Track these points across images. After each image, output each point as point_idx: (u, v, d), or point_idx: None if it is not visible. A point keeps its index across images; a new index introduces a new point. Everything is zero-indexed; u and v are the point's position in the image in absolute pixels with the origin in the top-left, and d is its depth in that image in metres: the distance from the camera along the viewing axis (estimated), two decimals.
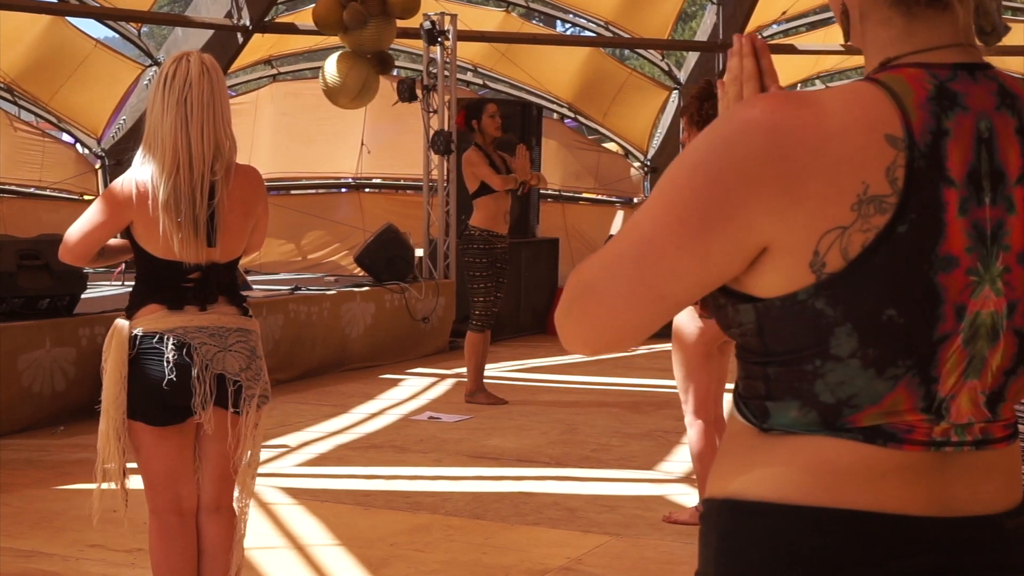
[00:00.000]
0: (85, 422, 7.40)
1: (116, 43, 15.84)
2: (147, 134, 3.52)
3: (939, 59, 1.41)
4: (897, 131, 1.35)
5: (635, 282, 1.40)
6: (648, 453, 6.89)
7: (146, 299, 3.57)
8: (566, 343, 1.50)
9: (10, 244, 7.49)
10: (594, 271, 1.44)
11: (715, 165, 1.36)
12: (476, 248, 8.17)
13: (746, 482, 1.44)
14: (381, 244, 10.77)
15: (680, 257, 1.38)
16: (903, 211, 1.33)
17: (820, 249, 1.34)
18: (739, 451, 1.46)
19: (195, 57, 3.53)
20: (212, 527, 3.67)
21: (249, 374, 3.58)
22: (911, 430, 1.39)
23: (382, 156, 15.07)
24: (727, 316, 1.44)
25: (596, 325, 1.45)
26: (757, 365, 1.43)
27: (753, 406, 1.45)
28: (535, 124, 12.75)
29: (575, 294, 1.46)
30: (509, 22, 16.39)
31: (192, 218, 3.48)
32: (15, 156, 14.12)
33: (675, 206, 1.38)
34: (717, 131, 1.38)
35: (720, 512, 1.47)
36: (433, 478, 6.27)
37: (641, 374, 9.64)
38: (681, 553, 5.03)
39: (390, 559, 4.90)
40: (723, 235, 1.36)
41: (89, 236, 3.58)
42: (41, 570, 4.72)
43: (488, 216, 8.17)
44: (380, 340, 10.10)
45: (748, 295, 1.40)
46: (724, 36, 15.68)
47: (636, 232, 1.41)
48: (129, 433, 3.55)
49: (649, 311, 1.42)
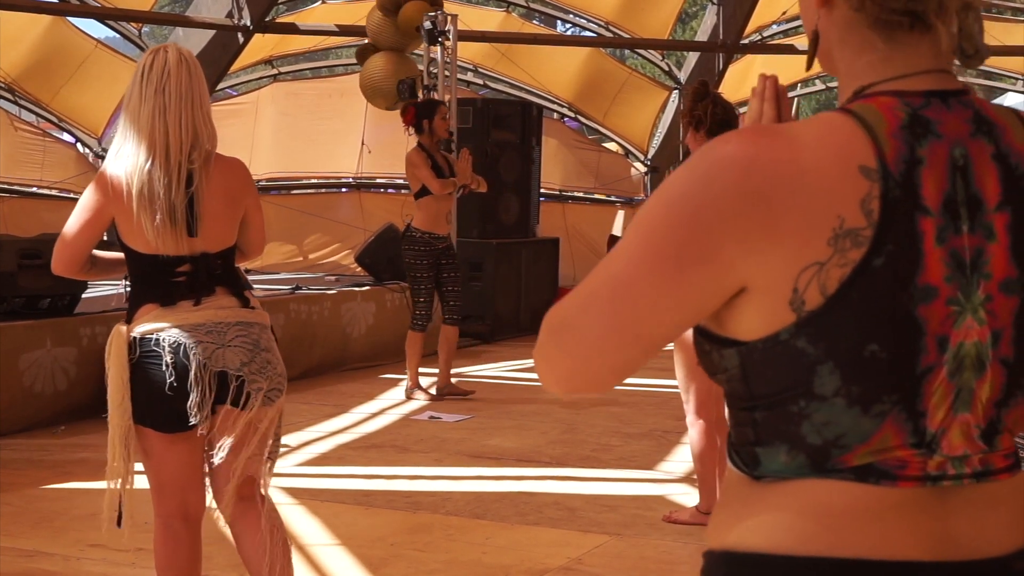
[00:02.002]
0: (86, 422, 7.41)
1: (117, 43, 15.84)
2: (123, 126, 3.48)
3: (912, 86, 1.38)
4: (871, 162, 1.32)
5: (610, 321, 1.36)
6: (648, 453, 6.90)
7: (141, 299, 3.52)
8: (542, 382, 1.46)
9: (11, 244, 7.49)
10: (569, 310, 1.40)
11: (691, 202, 1.33)
12: (416, 249, 8.25)
13: (741, 532, 1.40)
14: (382, 244, 10.77)
15: (656, 296, 1.35)
16: (879, 243, 1.31)
17: (799, 286, 1.31)
18: (734, 501, 1.43)
19: (172, 48, 3.51)
20: (237, 517, 3.62)
21: (252, 368, 3.50)
22: (904, 466, 1.35)
23: (383, 156, 15.06)
24: (712, 362, 1.41)
25: (571, 366, 1.41)
26: (745, 411, 1.40)
27: (744, 454, 1.41)
28: (535, 124, 12.76)
29: (550, 332, 1.42)
30: (509, 22, 16.40)
31: (168, 206, 3.42)
32: (16, 156, 14.13)
33: (651, 244, 1.35)
34: (693, 167, 1.36)
35: (718, 565, 1.43)
36: (433, 478, 6.27)
37: (641, 374, 9.62)
38: (681, 553, 5.04)
39: (390, 559, 4.91)
40: (700, 274, 1.33)
41: (73, 242, 3.51)
42: (42, 570, 4.72)
43: (429, 217, 8.22)
44: (381, 340, 10.10)
45: (731, 339, 1.37)
46: (724, 36, 15.69)
47: (611, 269, 1.38)
48: (138, 438, 3.50)
49: (625, 351, 1.39)
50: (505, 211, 12.21)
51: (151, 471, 3.56)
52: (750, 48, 16.33)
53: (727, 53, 15.82)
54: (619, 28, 16.00)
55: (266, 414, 3.55)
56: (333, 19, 15.28)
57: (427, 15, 11.21)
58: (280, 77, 16.29)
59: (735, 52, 16.02)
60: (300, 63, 18.75)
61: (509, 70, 16.14)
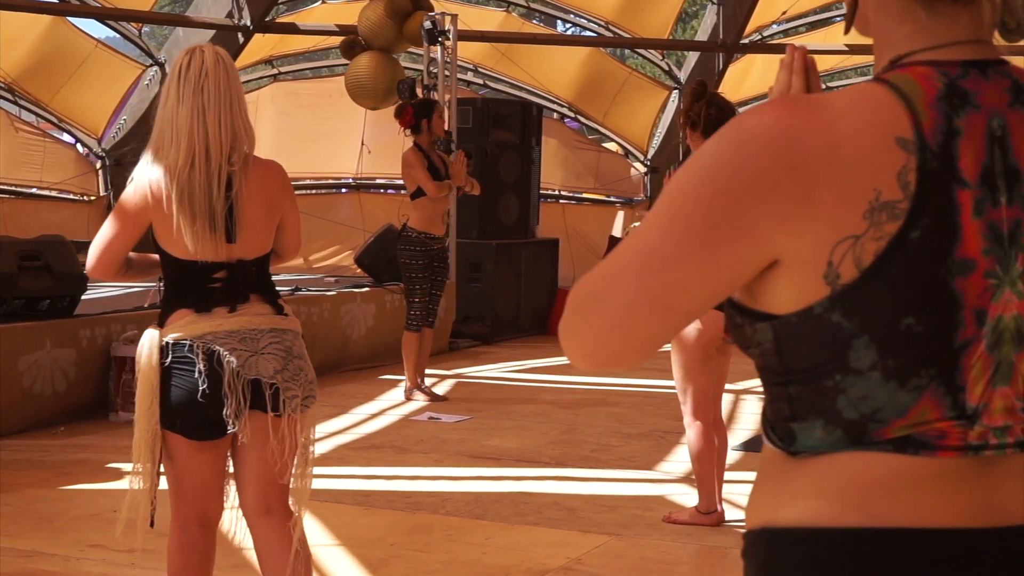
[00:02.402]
0: (86, 423, 7.42)
1: (117, 43, 15.84)
2: (159, 129, 3.41)
3: (949, 56, 1.35)
4: (907, 133, 1.31)
5: (639, 293, 1.35)
6: (648, 453, 6.89)
7: (175, 304, 3.46)
8: (569, 357, 1.45)
9: (11, 245, 7.49)
10: (597, 282, 1.38)
11: (723, 173, 1.31)
12: (412, 249, 8.25)
13: (780, 509, 1.38)
14: (381, 245, 10.77)
15: (687, 268, 1.33)
16: (916, 216, 1.29)
17: (834, 260, 1.30)
18: (771, 478, 1.42)
19: (209, 48, 3.45)
20: (264, 530, 3.56)
21: (286, 375, 3.45)
22: (943, 436, 1.33)
23: (382, 156, 15.06)
24: (745, 336, 1.40)
25: (599, 338, 1.39)
26: (779, 385, 1.39)
27: (780, 430, 1.40)
28: (535, 124, 12.75)
29: (577, 306, 1.40)
30: (509, 22, 16.40)
31: (208, 211, 3.36)
32: (16, 156, 14.13)
33: (682, 216, 1.33)
34: (725, 138, 1.34)
35: (757, 543, 1.41)
36: (433, 478, 6.27)
37: (641, 374, 9.64)
38: (681, 553, 5.04)
39: (390, 559, 4.91)
40: (732, 246, 1.32)
41: (110, 247, 3.46)
42: (42, 570, 4.72)
43: (425, 218, 8.22)
44: (380, 341, 10.10)
45: (764, 313, 1.36)
46: (724, 36, 15.69)
47: (641, 242, 1.36)
48: (165, 442, 3.44)
49: (654, 324, 1.37)
50: (505, 211, 12.21)
51: (173, 476, 3.51)
52: (750, 48, 16.32)
53: (727, 53, 15.82)
54: (619, 28, 16.00)
55: (299, 422, 3.51)
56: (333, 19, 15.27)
57: (427, 15, 11.22)
58: (280, 77, 16.30)
59: (735, 52, 16.02)
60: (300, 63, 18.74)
61: (509, 70, 16.14)
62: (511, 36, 15.89)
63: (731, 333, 1.44)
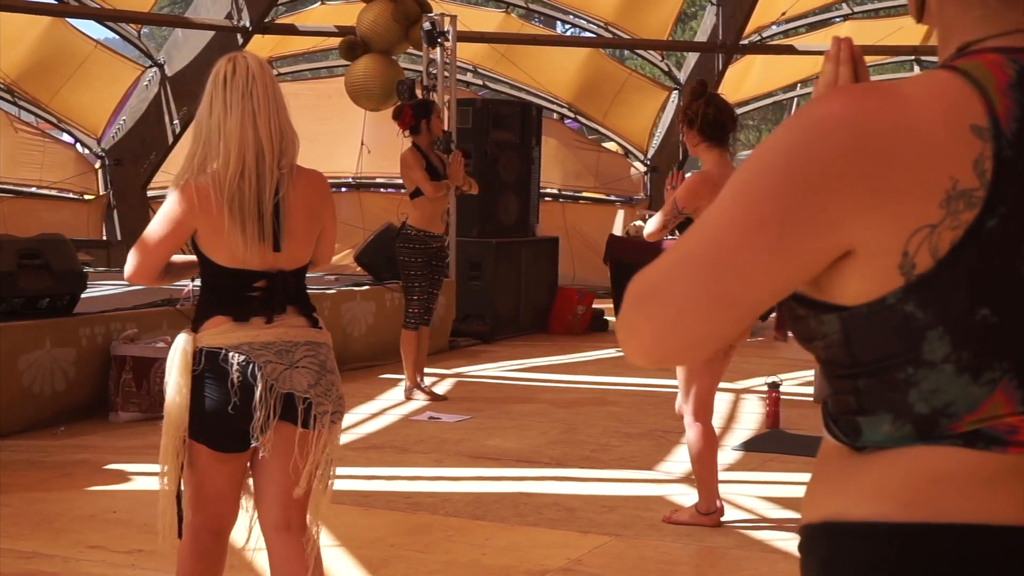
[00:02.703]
0: (85, 422, 7.41)
1: (116, 44, 15.86)
2: (205, 135, 3.34)
3: (1019, 43, 1.33)
4: (982, 121, 1.27)
5: (704, 285, 1.30)
6: (648, 453, 6.89)
7: (212, 311, 3.38)
8: (626, 353, 1.40)
9: (10, 244, 7.49)
10: (657, 274, 1.34)
11: (796, 163, 1.28)
12: (411, 248, 8.30)
13: (842, 502, 1.35)
14: (381, 243, 10.77)
15: (755, 259, 1.29)
16: (992, 205, 1.26)
17: (909, 249, 1.27)
18: (832, 471, 1.38)
19: (250, 55, 3.41)
20: (282, 547, 3.48)
21: (319, 390, 3.39)
22: (1014, 431, 1.29)
23: (382, 156, 15.08)
24: (808, 329, 1.35)
25: (657, 333, 1.34)
26: (846, 379, 1.35)
27: (844, 423, 1.36)
28: (535, 124, 12.76)
29: (636, 300, 1.35)
30: (509, 23, 16.41)
31: (258, 218, 3.32)
32: (15, 156, 14.15)
33: (752, 205, 1.29)
34: (796, 127, 1.30)
35: (818, 537, 1.38)
36: (433, 478, 6.27)
37: (641, 374, 9.64)
38: (681, 553, 5.04)
39: (390, 559, 4.91)
40: (804, 236, 1.28)
41: (153, 252, 3.40)
42: (41, 571, 4.72)
43: (424, 217, 8.27)
44: (380, 340, 10.10)
45: (832, 304, 1.32)
46: (723, 37, 15.70)
47: (707, 232, 1.32)
48: (187, 449, 3.39)
49: (718, 317, 1.32)
50: (505, 211, 12.22)
51: (193, 483, 3.45)
52: (749, 48, 16.33)
53: (726, 53, 15.83)
54: (618, 29, 16.01)
55: (326, 437, 3.44)
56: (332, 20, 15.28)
57: (426, 16, 11.22)
58: (279, 78, 16.30)
59: (734, 52, 16.03)
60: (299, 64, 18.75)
61: (508, 71, 16.15)
62: (510, 37, 15.90)
63: (791, 326, 1.40)
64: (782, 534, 5.28)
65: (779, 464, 6.55)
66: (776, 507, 5.73)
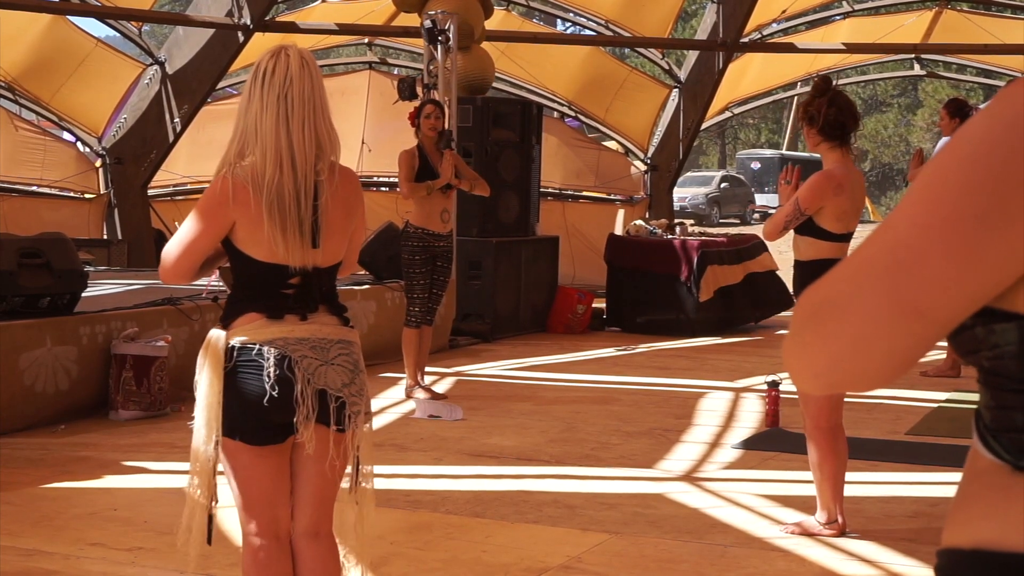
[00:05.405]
0: (86, 420, 7.42)
1: (117, 42, 15.86)
2: (242, 130, 3.29)
3: None
4: None
5: (886, 295, 1.14)
6: (648, 451, 6.90)
7: (244, 307, 3.31)
8: (794, 376, 1.24)
9: (11, 243, 7.49)
10: (832, 285, 1.19)
11: (998, 156, 1.11)
12: (411, 246, 8.36)
13: (999, 529, 1.18)
14: (382, 242, 10.78)
15: (948, 265, 1.12)
16: None
17: None
18: (988, 492, 1.22)
19: (294, 51, 3.33)
20: (312, 553, 3.41)
21: (352, 389, 3.34)
22: None
23: (382, 155, 15.08)
24: (975, 339, 1.20)
25: (833, 353, 1.18)
26: (1015, 392, 1.19)
27: (1006, 440, 1.20)
28: (535, 122, 12.76)
29: (807, 316, 1.20)
30: (509, 20, 16.41)
31: (297, 219, 3.27)
32: (16, 155, 14.15)
33: (944, 205, 1.13)
34: (997, 116, 1.14)
35: (965, 565, 1.21)
36: (433, 476, 6.28)
37: (641, 372, 9.65)
38: (681, 551, 5.05)
39: (390, 557, 4.91)
40: (1006, 239, 1.11)
41: (191, 249, 3.33)
42: (42, 569, 4.73)
43: (423, 214, 8.33)
44: (381, 339, 10.11)
45: (1010, 312, 1.16)
46: (724, 35, 15.70)
47: (891, 235, 1.16)
48: (225, 452, 3.30)
49: (901, 333, 1.15)
50: (505, 209, 12.22)
51: (239, 487, 3.34)
52: (750, 47, 16.33)
53: (727, 52, 15.83)
54: (619, 26, 16.01)
55: (358, 437, 3.39)
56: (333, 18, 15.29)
57: (427, 14, 11.22)
58: None
59: (735, 51, 16.03)
60: None
61: (509, 68, 16.15)
62: (511, 35, 15.90)
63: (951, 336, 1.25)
64: (781, 532, 5.29)
65: (779, 462, 6.56)
66: (776, 505, 5.73)
